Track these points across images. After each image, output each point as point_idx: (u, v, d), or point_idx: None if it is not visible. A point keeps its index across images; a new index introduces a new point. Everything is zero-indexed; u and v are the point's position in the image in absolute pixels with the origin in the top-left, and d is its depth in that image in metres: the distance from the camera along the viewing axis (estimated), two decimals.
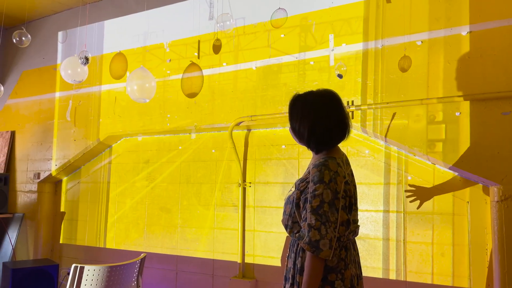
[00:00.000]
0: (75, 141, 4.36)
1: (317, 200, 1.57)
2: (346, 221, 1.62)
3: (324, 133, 1.68)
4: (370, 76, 2.92)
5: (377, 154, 2.98)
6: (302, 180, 1.69)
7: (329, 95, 1.75)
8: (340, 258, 1.62)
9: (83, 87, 4.35)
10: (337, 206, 1.58)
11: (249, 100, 3.40)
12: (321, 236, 1.54)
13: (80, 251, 4.41)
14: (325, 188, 1.58)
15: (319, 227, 1.55)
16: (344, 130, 1.71)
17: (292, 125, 1.75)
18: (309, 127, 1.68)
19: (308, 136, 1.69)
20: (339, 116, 1.71)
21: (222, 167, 3.66)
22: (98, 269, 2.40)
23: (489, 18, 2.58)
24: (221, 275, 3.53)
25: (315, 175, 1.61)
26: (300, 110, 1.72)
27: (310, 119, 1.69)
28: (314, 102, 1.72)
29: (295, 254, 1.70)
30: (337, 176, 1.61)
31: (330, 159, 1.65)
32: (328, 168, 1.61)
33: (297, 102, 1.76)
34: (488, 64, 2.55)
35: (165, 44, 3.92)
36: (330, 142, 1.71)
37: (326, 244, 1.53)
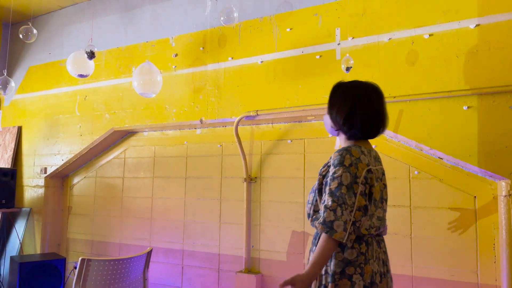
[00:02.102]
0: (81, 136, 4.37)
1: (336, 182, 1.58)
2: (364, 207, 1.61)
3: (361, 122, 1.70)
4: (377, 70, 2.90)
5: (384, 148, 2.96)
6: (324, 166, 1.72)
7: (373, 88, 1.77)
8: (360, 252, 1.61)
9: (89, 82, 4.36)
10: (355, 190, 1.58)
11: (254, 95, 3.39)
12: (336, 217, 1.54)
13: (86, 245, 4.44)
14: (344, 171, 1.59)
15: (335, 208, 1.55)
16: (379, 125, 1.73)
17: (330, 110, 1.77)
18: (347, 114, 1.70)
19: (343, 122, 1.71)
20: (378, 110, 1.73)
21: (227, 161, 3.66)
22: (105, 262, 2.41)
23: (497, 11, 2.55)
24: (227, 270, 3.54)
25: (335, 159, 1.64)
26: (343, 95, 1.74)
27: (350, 106, 1.71)
28: (357, 90, 1.74)
29: (315, 246, 1.69)
30: (359, 162, 1.62)
31: (354, 146, 1.67)
32: (350, 153, 1.63)
33: (340, 87, 1.79)
34: (496, 57, 2.52)
35: (171, 38, 3.91)
36: (363, 133, 1.72)
37: (340, 226, 1.54)
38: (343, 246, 1.61)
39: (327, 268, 1.63)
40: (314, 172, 3.24)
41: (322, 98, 3.09)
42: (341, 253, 1.61)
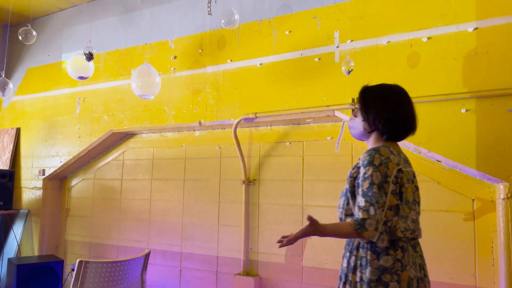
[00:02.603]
0: (80, 138, 4.37)
1: (367, 182, 1.59)
2: (395, 206, 1.60)
3: (401, 123, 1.72)
4: (376, 73, 2.90)
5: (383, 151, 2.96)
6: (354, 168, 1.72)
7: (405, 91, 1.80)
8: (396, 258, 1.59)
9: (88, 84, 4.36)
10: (386, 189, 1.58)
11: (253, 97, 3.40)
12: (368, 216, 1.54)
13: (84, 247, 4.42)
14: (374, 170, 1.59)
15: (367, 208, 1.55)
16: (412, 127, 1.76)
17: (367, 111, 1.77)
18: (389, 115, 1.71)
19: (384, 123, 1.71)
20: (412, 112, 1.77)
21: (226, 164, 3.66)
22: (103, 264, 2.40)
23: (495, 14, 2.56)
24: (225, 272, 3.53)
25: (365, 159, 1.65)
26: (382, 97, 1.75)
27: (391, 107, 1.72)
28: (395, 92, 1.77)
29: (349, 253, 1.69)
30: (388, 161, 1.62)
31: (383, 147, 1.68)
32: (379, 153, 1.64)
33: (376, 90, 1.80)
34: (494, 60, 2.53)
35: (170, 41, 3.92)
36: (400, 134, 1.75)
37: (372, 224, 1.53)
38: (378, 253, 1.60)
39: (362, 275, 1.61)
40: (313, 174, 3.24)
41: (320, 101, 3.09)
42: (377, 260, 1.59)
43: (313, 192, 3.23)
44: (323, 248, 3.12)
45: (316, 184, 3.22)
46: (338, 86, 3.03)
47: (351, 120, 1.89)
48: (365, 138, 1.83)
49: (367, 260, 1.60)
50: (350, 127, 1.89)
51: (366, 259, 1.61)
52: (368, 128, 1.78)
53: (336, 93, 3.04)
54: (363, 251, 1.63)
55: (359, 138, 1.86)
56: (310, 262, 3.17)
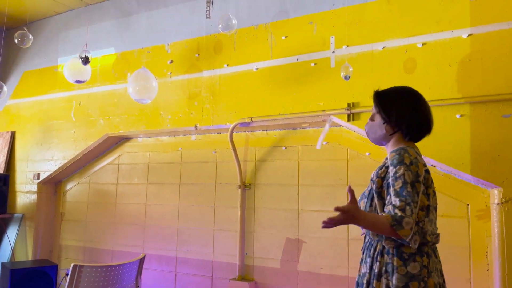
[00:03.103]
0: (75, 141, 4.36)
1: (399, 182, 1.54)
2: (426, 207, 1.58)
3: (421, 123, 1.72)
4: (371, 78, 2.92)
5: (378, 156, 2.97)
6: (381, 167, 1.69)
7: (419, 92, 1.80)
8: (422, 265, 1.56)
9: (84, 87, 4.36)
10: (418, 189, 1.54)
11: (249, 102, 3.40)
12: (406, 215, 1.48)
13: (79, 252, 4.40)
14: (406, 169, 1.56)
15: (403, 207, 1.49)
16: (430, 126, 1.76)
17: (388, 113, 1.75)
18: (410, 115, 1.71)
19: (408, 123, 1.70)
20: (430, 111, 1.77)
21: (222, 168, 3.66)
22: (97, 268, 2.39)
23: (489, 21, 2.58)
24: (220, 277, 3.52)
25: (394, 158, 1.61)
26: (402, 98, 1.75)
27: (412, 108, 1.72)
28: (413, 94, 1.78)
29: (371, 259, 1.64)
30: (417, 161, 1.60)
31: (409, 147, 1.67)
32: (408, 152, 1.61)
33: (391, 92, 1.80)
34: (488, 66, 2.55)
35: (166, 45, 3.92)
36: (420, 134, 1.75)
37: (409, 223, 1.47)
38: (405, 259, 1.56)
39: (388, 282, 1.56)
40: (309, 179, 3.25)
41: (316, 106, 3.10)
42: (404, 267, 1.55)
43: (308, 196, 3.23)
44: (318, 253, 3.12)
45: (312, 189, 3.23)
46: (334, 91, 3.05)
47: (368, 125, 1.85)
48: (385, 142, 1.80)
49: (394, 267, 1.56)
50: (369, 132, 1.85)
51: (393, 265, 1.56)
52: (390, 130, 1.75)
53: (332, 98, 3.05)
54: (388, 257, 1.59)
55: (378, 142, 1.83)
56: (306, 267, 3.16)
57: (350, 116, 2.96)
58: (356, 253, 2.97)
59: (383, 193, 1.65)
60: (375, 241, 1.65)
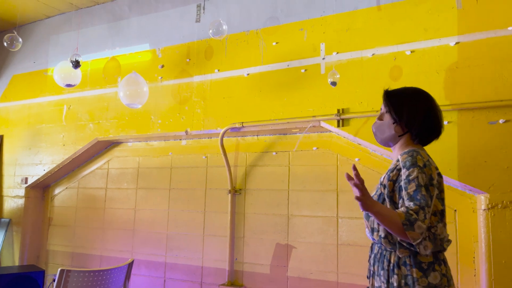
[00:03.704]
0: (64, 146, 4.32)
1: (413, 185, 1.48)
2: (440, 212, 1.53)
3: (434, 124, 1.68)
4: (361, 84, 2.95)
5: (367, 161, 3.00)
6: (392, 170, 1.61)
7: (429, 94, 1.75)
8: (442, 274, 1.51)
9: (74, 91, 4.33)
10: (432, 193, 1.48)
11: (240, 107, 3.41)
12: (419, 219, 1.41)
13: (67, 257, 4.34)
14: (419, 172, 1.49)
15: (417, 211, 1.43)
16: (441, 129, 1.72)
17: (399, 113, 1.68)
18: (423, 115, 1.65)
19: (420, 124, 1.65)
20: (441, 114, 1.72)
21: (212, 173, 3.65)
22: (85, 273, 2.36)
23: (476, 29, 2.63)
24: (210, 283, 3.50)
25: (406, 160, 1.54)
26: (413, 99, 1.68)
27: (425, 108, 1.67)
28: (423, 94, 1.71)
29: (387, 271, 1.55)
30: (430, 164, 1.55)
31: (420, 149, 1.62)
32: (420, 154, 1.56)
33: (403, 92, 1.73)
34: (475, 74, 2.59)
35: (157, 50, 3.92)
36: (431, 136, 1.70)
37: (421, 228, 1.41)
38: (424, 269, 1.50)
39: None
40: (299, 184, 3.26)
41: (307, 111, 3.12)
42: (425, 278, 1.49)
43: (298, 202, 3.24)
44: (308, 258, 3.13)
45: (302, 194, 3.24)
46: (324, 97, 3.07)
47: (375, 125, 1.78)
48: (393, 143, 1.73)
49: (414, 279, 1.49)
50: (376, 131, 1.78)
51: (412, 277, 1.49)
52: (400, 131, 1.68)
53: (322, 104, 3.07)
54: (406, 269, 1.51)
55: (385, 142, 1.76)
56: (295, 272, 3.16)
57: (340, 122, 2.98)
58: (346, 258, 2.98)
59: (395, 197, 1.58)
60: (388, 252, 1.58)
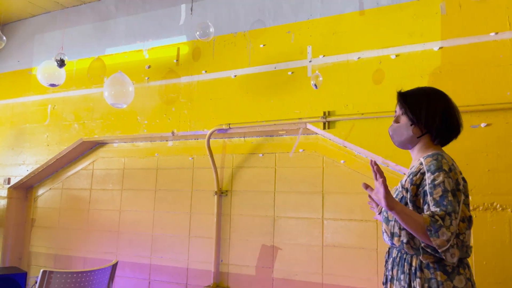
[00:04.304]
0: (48, 146, 4.26)
1: (439, 190, 1.42)
2: (468, 218, 1.47)
3: (455, 124, 1.62)
4: (346, 87, 2.98)
5: (352, 164, 3.03)
6: (415, 174, 1.53)
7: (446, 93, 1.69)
8: (466, 277, 1.46)
9: (59, 91, 4.28)
10: (459, 198, 1.43)
11: (227, 109, 3.42)
12: (444, 225, 1.36)
13: (50, 259, 4.28)
14: (445, 176, 1.44)
15: (443, 217, 1.37)
16: (460, 129, 1.65)
17: (417, 114, 1.62)
18: (442, 116, 1.59)
19: (439, 124, 1.58)
20: (459, 114, 1.65)
21: (198, 174, 3.64)
22: (67, 274, 2.33)
23: (459, 35, 2.69)
24: (195, 285, 3.49)
25: (431, 164, 1.48)
26: (429, 99, 1.62)
27: (443, 108, 1.61)
28: (440, 94, 1.65)
29: (408, 275, 1.49)
30: (455, 168, 1.50)
31: (444, 152, 1.57)
32: (445, 158, 1.50)
33: (419, 92, 1.67)
34: (458, 78, 2.64)
35: (144, 50, 3.91)
36: (450, 137, 1.64)
37: (446, 234, 1.35)
38: (449, 272, 1.44)
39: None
40: (285, 186, 3.27)
41: (293, 113, 3.14)
42: (450, 281, 1.43)
43: (284, 204, 3.25)
44: (293, 260, 3.14)
45: (288, 196, 3.25)
46: (310, 99, 3.10)
47: (392, 128, 1.72)
48: (412, 145, 1.66)
49: (439, 282, 1.43)
50: (393, 135, 1.71)
51: (437, 280, 1.43)
52: (418, 132, 1.62)
53: (308, 106, 3.10)
54: (429, 272, 1.45)
55: (404, 145, 1.69)
56: (280, 274, 3.17)
57: (326, 124, 3.01)
58: (331, 259, 3.00)
59: (418, 201, 1.51)
60: (409, 256, 1.51)
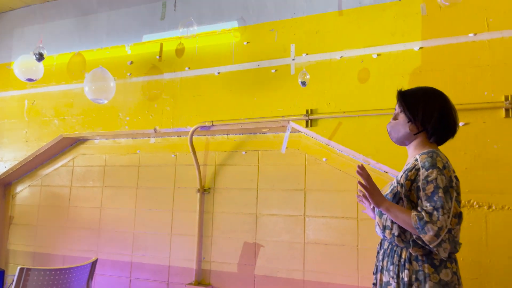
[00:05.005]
0: (27, 142, 4.18)
1: (431, 186, 1.49)
2: (459, 214, 1.52)
3: (452, 123, 1.67)
4: (329, 86, 3.00)
5: (334, 162, 3.06)
6: (410, 170, 1.60)
7: (443, 93, 1.74)
8: (453, 271, 1.52)
9: (38, 86, 4.20)
10: (452, 195, 1.49)
11: (210, 106, 3.41)
12: (430, 221, 1.43)
13: (28, 257, 4.20)
14: (439, 173, 1.49)
15: (431, 211, 1.44)
16: (456, 128, 1.70)
17: (414, 112, 1.69)
18: (439, 114, 1.65)
19: (435, 122, 1.64)
20: (456, 113, 1.71)
21: (181, 172, 3.62)
22: (45, 272, 2.29)
23: (439, 35, 2.74)
24: (177, 282, 3.47)
25: (426, 161, 1.54)
26: (429, 98, 1.69)
27: (440, 107, 1.67)
28: (437, 93, 1.71)
29: (397, 266, 1.57)
30: (449, 166, 1.55)
31: (439, 150, 1.62)
32: (439, 156, 1.56)
33: (417, 91, 1.74)
34: (437, 78, 2.69)
35: (127, 46, 3.86)
36: (447, 135, 1.70)
37: (432, 230, 1.42)
38: (436, 266, 1.51)
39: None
40: (268, 183, 3.28)
41: (276, 111, 3.15)
42: (436, 274, 1.50)
43: (267, 201, 3.26)
44: (275, 257, 3.15)
45: (270, 193, 3.26)
46: (293, 97, 3.11)
47: (390, 124, 1.79)
48: (408, 142, 1.74)
49: (426, 274, 1.49)
50: (391, 131, 1.79)
51: (424, 272, 1.50)
52: (415, 129, 1.69)
53: (291, 104, 3.11)
54: (417, 264, 1.52)
55: (401, 142, 1.77)
56: (262, 271, 3.18)
57: (308, 122, 3.03)
58: (312, 256, 3.02)
59: (412, 196, 1.58)
60: (399, 248, 1.59)
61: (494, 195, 2.50)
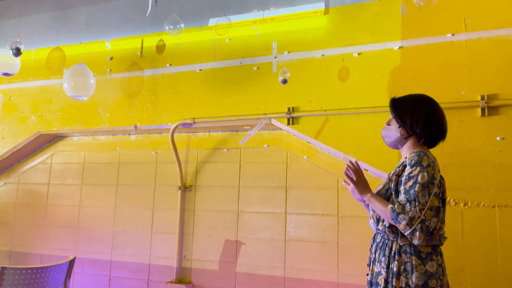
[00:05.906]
0: (3, 138, 4.08)
1: (411, 181, 1.64)
2: (436, 208, 1.63)
3: (437, 127, 1.78)
4: (310, 84, 3.02)
5: (315, 159, 3.08)
6: (399, 166, 1.77)
7: (433, 99, 1.86)
8: (438, 263, 1.66)
9: (15, 81, 4.10)
10: (431, 190, 1.62)
11: (192, 103, 3.39)
12: (402, 211, 1.60)
13: (4, 256, 4.10)
14: (421, 170, 1.64)
15: (404, 203, 1.61)
16: (445, 131, 1.82)
17: (402, 117, 1.82)
18: (424, 119, 1.77)
19: (422, 127, 1.77)
20: (443, 117, 1.82)
21: (162, 169, 3.59)
22: (22, 271, 2.24)
23: (418, 35, 2.78)
24: (157, 280, 3.45)
25: (412, 159, 1.69)
26: (417, 104, 1.81)
27: (426, 111, 1.78)
28: (428, 100, 1.83)
29: (388, 258, 1.70)
30: (434, 165, 1.68)
31: (428, 151, 1.75)
32: (427, 155, 1.69)
33: (406, 98, 1.87)
34: (416, 77, 2.74)
35: (107, 41, 3.80)
36: (436, 138, 1.81)
37: (404, 220, 1.59)
38: (423, 258, 1.64)
39: (407, 281, 1.63)
40: (250, 181, 3.28)
41: (258, 109, 3.15)
42: (423, 266, 1.63)
43: (248, 198, 3.27)
44: (256, 254, 3.16)
45: (252, 191, 3.27)
46: (275, 95, 3.12)
47: (384, 129, 1.93)
48: (401, 145, 1.87)
49: (413, 265, 1.63)
50: (385, 136, 1.93)
51: (412, 264, 1.64)
52: (405, 133, 1.82)
53: (273, 102, 3.12)
54: (406, 256, 1.66)
55: (394, 145, 1.90)
56: (243, 268, 3.19)
57: (290, 120, 3.04)
58: (293, 253, 3.04)
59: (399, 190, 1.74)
60: (390, 241, 1.72)
61: (470, 192, 2.56)
